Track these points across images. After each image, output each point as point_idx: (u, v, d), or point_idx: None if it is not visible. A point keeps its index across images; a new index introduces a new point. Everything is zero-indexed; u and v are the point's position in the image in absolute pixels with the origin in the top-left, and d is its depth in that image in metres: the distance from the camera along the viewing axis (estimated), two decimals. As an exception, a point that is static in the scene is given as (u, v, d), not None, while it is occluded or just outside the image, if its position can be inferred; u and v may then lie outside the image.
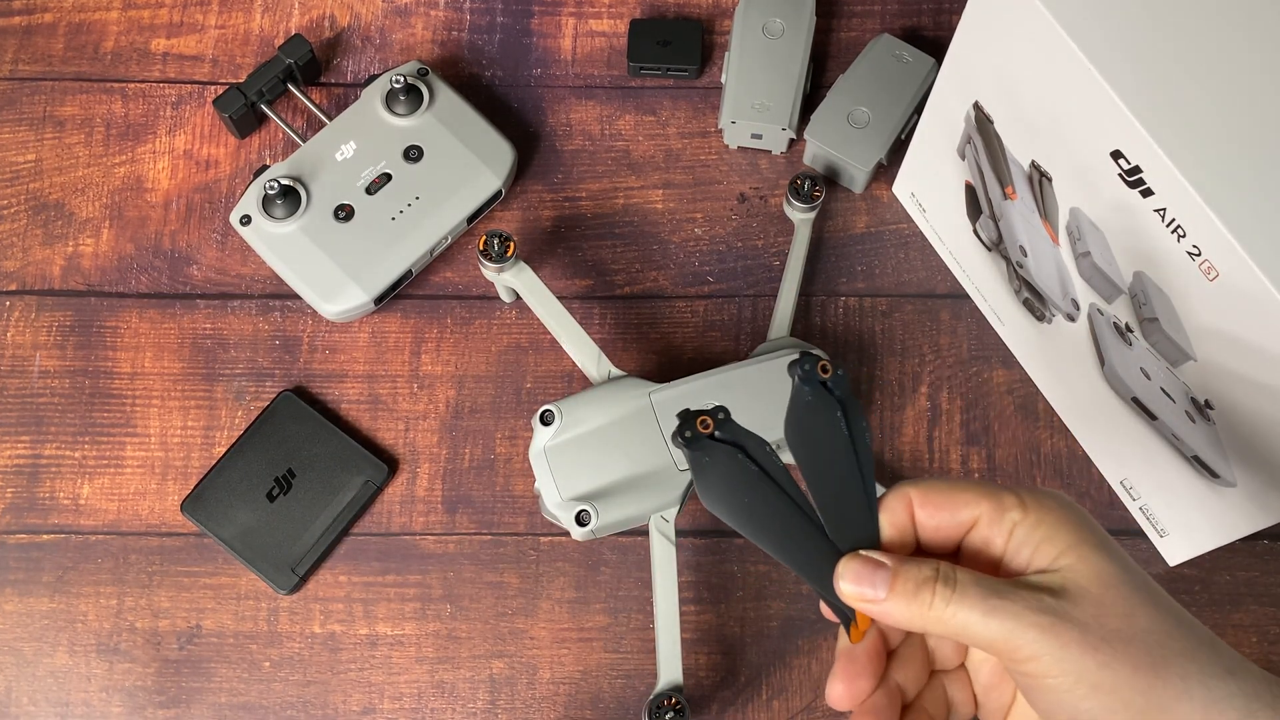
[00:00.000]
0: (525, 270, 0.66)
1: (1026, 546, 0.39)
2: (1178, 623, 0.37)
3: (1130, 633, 0.36)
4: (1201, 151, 0.47)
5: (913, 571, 0.39)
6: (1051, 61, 0.51)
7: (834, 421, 0.42)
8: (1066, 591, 0.37)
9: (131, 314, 0.71)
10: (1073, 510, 0.39)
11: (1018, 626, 0.36)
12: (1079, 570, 0.38)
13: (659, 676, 0.60)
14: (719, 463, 0.41)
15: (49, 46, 0.76)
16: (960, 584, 0.38)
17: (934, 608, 0.38)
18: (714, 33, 0.77)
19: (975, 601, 0.37)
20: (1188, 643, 0.37)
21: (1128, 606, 0.37)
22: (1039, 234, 0.59)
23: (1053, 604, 0.37)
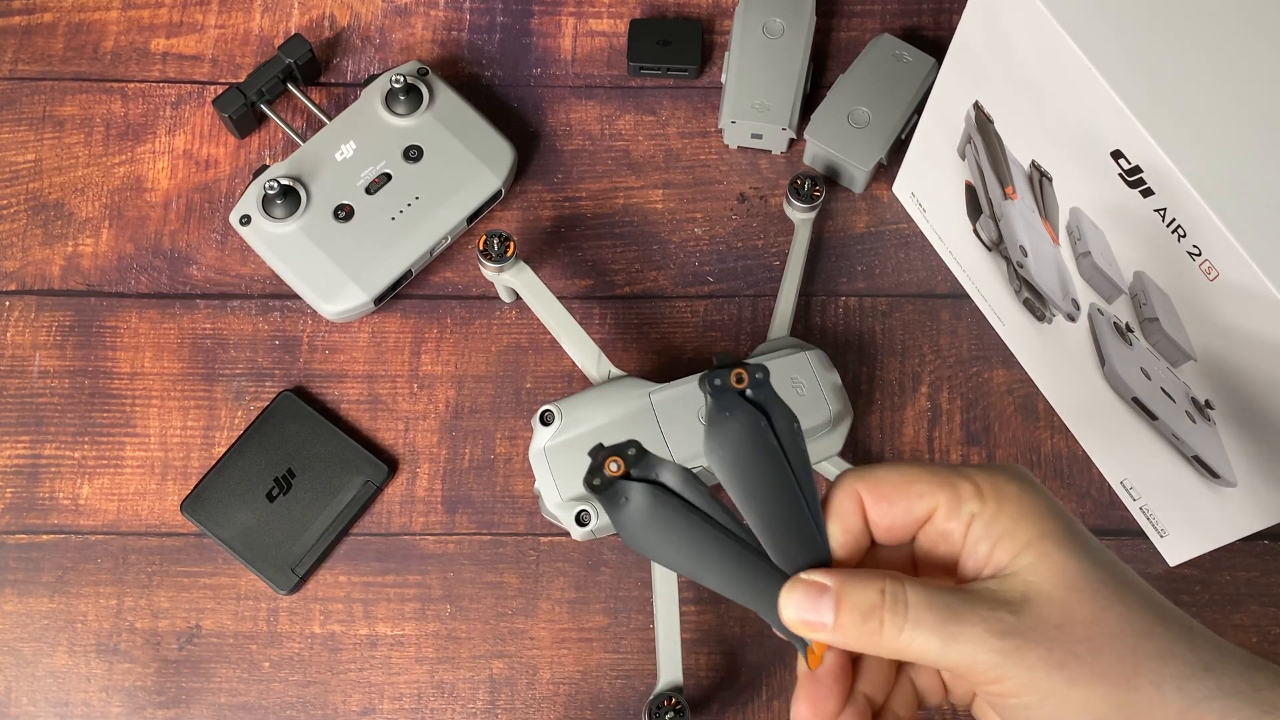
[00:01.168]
0: (525, 270, 0.66)
1: (985, 541, 0.36)
2: (1151, 620, 0.35)
3: (1098, 641, 0.34)
4: (1202, 152, 0.47)
5: (858, 596, 0.36)
6: (1052, 61, 0.51)
7: (759, 432, 0.39)
8: (1028, 601, 0.35)
9: (131, 314, 0.71)
10: (1032, 496, 0.37)
11: (980, 652, 0.34)
12: (1040, 572, 0.35)
13: (659, 677, 0.60)
14: (638, 504, 0.38)
15: (49, 46, 0.76)
16: (912, 607, 0.35)
17: (886, 636, 0.35)
18: (714, 32, 0.76)
19: (931, 629, 0.35)
20: (1162, 642, 0.35)
21: (1094, 609, 0.35)
22: (1039, 234, 0.59)
23: (1013, 623, 0.34)
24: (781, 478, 0.39)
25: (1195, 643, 0.35)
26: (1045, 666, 0.34)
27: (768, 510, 0.39)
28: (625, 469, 0.38)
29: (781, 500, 0.39)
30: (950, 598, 0.35)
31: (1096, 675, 0.34)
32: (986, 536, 0.36)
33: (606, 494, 0.38)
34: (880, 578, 0.36)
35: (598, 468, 0.38)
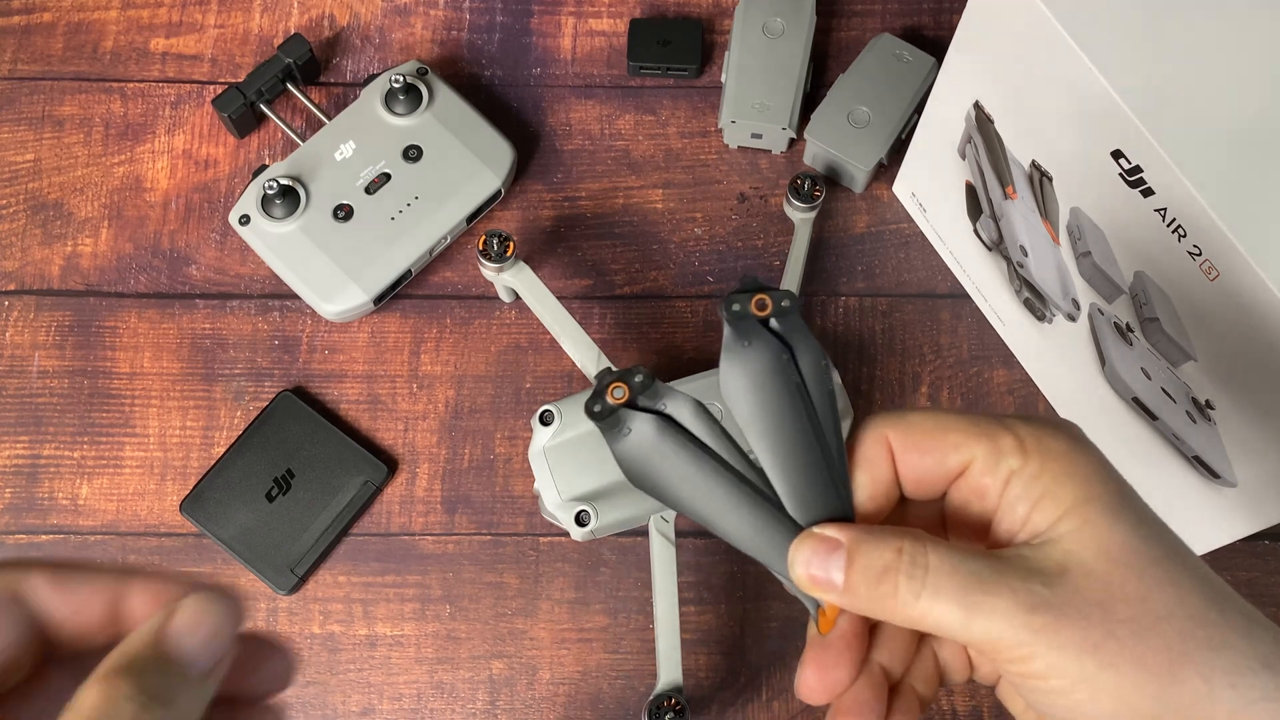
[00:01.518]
0: (525, 270, 0.66)
1: (1023, 502, 0.33)
2: (1206, 604, 0.31)
3: (1143, 623, 0.30)
4: (1202, 151, 0.47)
5: (873, 555, 0.32)
6: (1052, 61, 0.51)
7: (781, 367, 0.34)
8: (1067, 573, 0.31)
9: (130, 314, 0.71)
10: (1082, 456, 0.33)
11: (1006, 628, 0.31)
12: (1083, 540, 0.31)
13: (659, 677, 0.60)
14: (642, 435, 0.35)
15: (48, 46, 0.76)
16: (932, 571, 0.31)
17: (901, 601, 0.32)
18: (714, 32, 0.76)
19: (952, 597, 0.31)
20: (1216, 630, 0.30)
21: (1141, 587, 0.31)
22: (1039, 234, 0.59)
23: (1046, 596, 0.31)
24: (802, 420, 0.35)
25: (1255, 634, 0.31)
26: (1078, 648, 0.30)
27: (785, 454, 0.35)
28: (631, 396, 0.35)
29: (801, 444, 0.35)
30: (977, 563, 0.31)
31: (1137, 662, 0.30)
32: (1025, 496, 0.33)
33: (608, 422, 0.35)
34: (899, 536, 0.32)
35: (600, 392, 0.35)
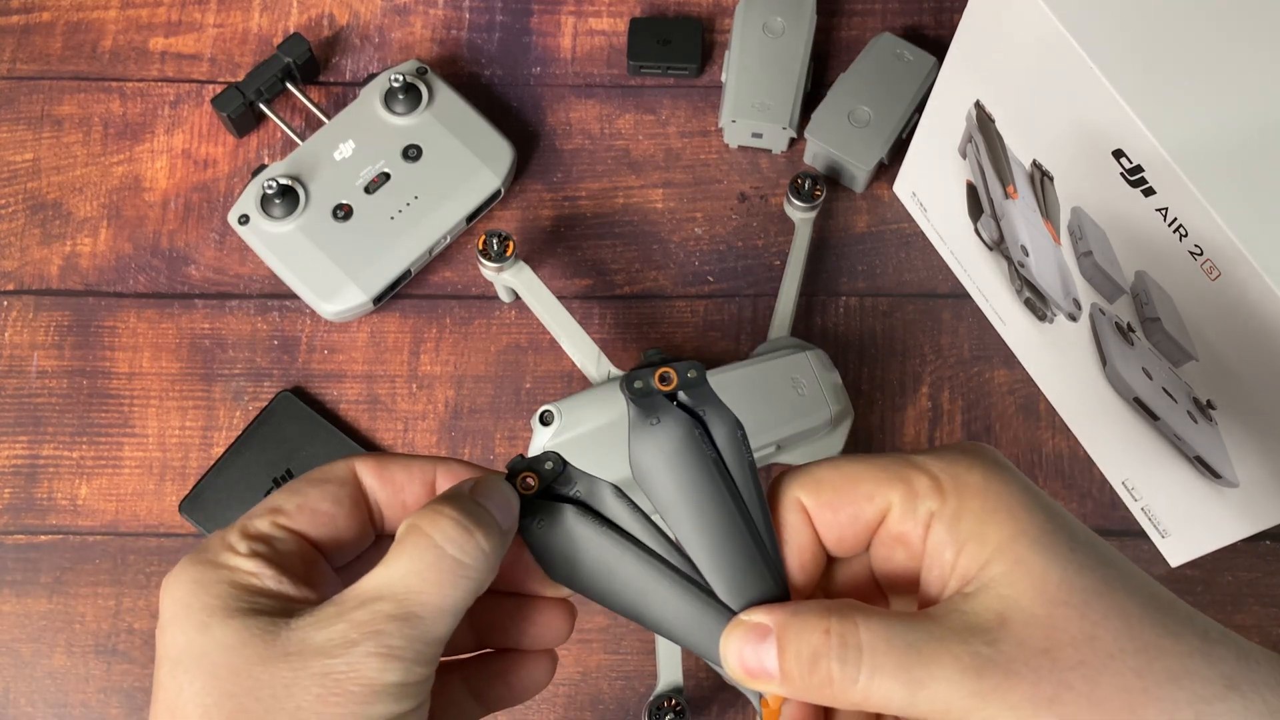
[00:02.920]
0: (525, 270, 0.66)
1: (949, 546, 0.31)
2: (1159, 631, 0.29)
3: (1094, 665, 0.28)
4: (1203, 151, 0.47)
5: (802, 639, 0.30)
6: (1053, 60, 0.50)
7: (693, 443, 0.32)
8: (1007, 624, 0.29)
9: (129, 314, 0.70)
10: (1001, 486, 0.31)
11: (955, 697, 0.29)
12: (1017, 583, 0.29)
13: (659, 678, 0.60)
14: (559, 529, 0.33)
15: (47, 45, 0.75)
16: (866, 649, 0.30)
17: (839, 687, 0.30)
18: (714, 31, 0.76)
19: (892, 674, 0.29)
20: (1173, 660, 0.29)
21: (1086, 625, 0.29)
22: (1040, 233, 0.59)
23: (990, 655, 0.29)
24: (722, 495, 0.32)
25: (1213, 654, 0.29)
26: (1032, 705, 0.28)
27: (708, 535, 0.32)
28: (542, 485, 0.33)
29: (724, 522, 0.32)
30: (913, 631, 0.30)
31: (1096, 709, 0.28)
32: (950, 540, 0.31)
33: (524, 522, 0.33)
34: (826, 614, 0.31)
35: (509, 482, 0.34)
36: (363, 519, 0.37)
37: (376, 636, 0.32)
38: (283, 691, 0.32)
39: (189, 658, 0.33)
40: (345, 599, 0.33)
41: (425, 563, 0.32)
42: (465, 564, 0.33)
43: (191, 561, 0.35)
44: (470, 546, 0.33)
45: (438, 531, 0.33)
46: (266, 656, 0.32)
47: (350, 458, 0.37)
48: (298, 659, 0.32)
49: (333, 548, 0.36)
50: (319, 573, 0.36)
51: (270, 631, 0.32)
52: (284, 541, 0.35)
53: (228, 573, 0.34)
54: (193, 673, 0.33)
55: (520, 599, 0.38)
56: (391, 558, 0.33)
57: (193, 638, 0.33)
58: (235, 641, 0.32)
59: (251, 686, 0.32)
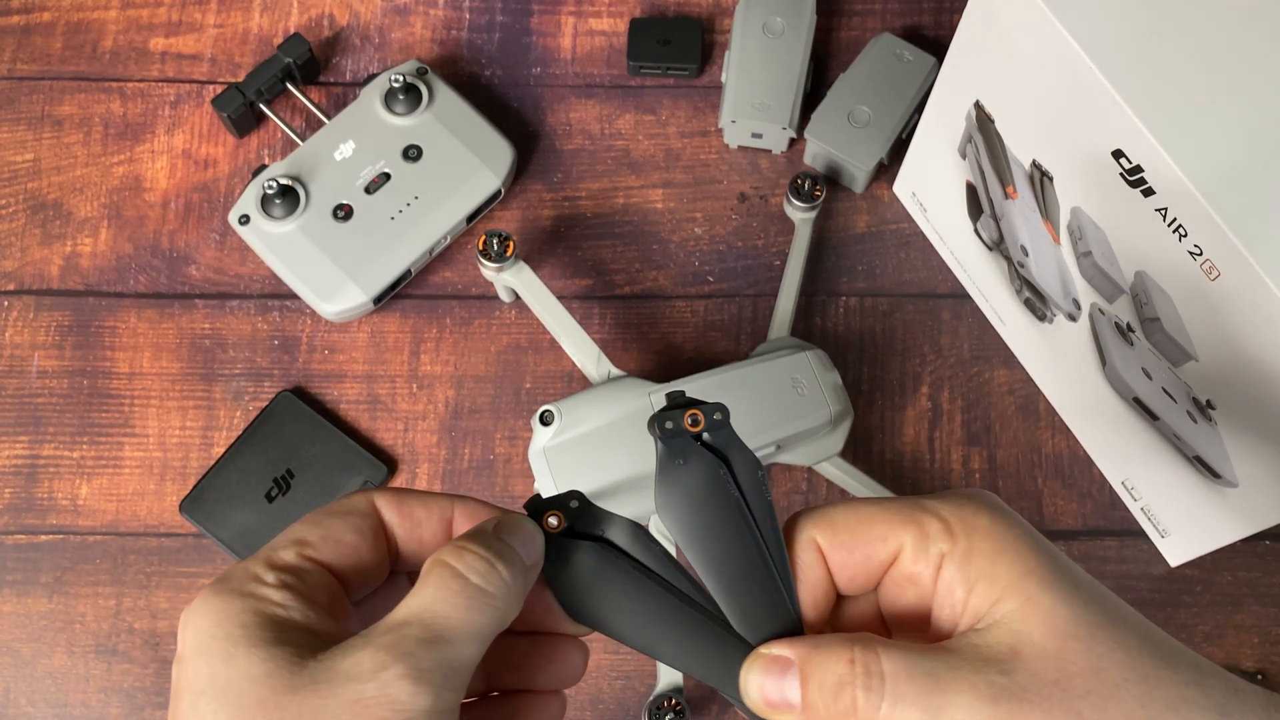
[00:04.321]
0: (525, 270, 0.66)
1: (960, 586, 0.33)
2: (1158, 664, 0.31)
3: (1102, 694, 0.31)
4: (1203, 151, 0.47)
5: (826, 670, 0.32)
6: (1053, 60, 0.50)
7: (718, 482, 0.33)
8: (1019, 656, 0.31)
9: (130, 314, 0.71)
10: (1008, 529, 0.33)
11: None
12: (1028, 618, 0.32)
13: (659, 677, 0.60)
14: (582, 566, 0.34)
15: (47, 46, 0.76)
16: (889, 678, 0.31)
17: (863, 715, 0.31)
18: (714, 31, 0.76)
19: (914, 702, 0.31)
20: (1171, 689, 0.31)
21: (1093, 658, 0.31)
22: (1040, 233, 0.59)
23: (1004, 684, 0.31)
24: (744, 534, 0.33)
25: (1207, 685, 0.32)
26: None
27: (728, 571, 0.34)
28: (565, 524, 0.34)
29: (744, 559, 0.33)
30: (931, 661, 0.31)
31: None
32: (961, 580, 0.33)
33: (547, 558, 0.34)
34: (849, 645, 0.32)
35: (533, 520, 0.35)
36: (383, 552, 0.37)
37: (406, 659, 0.32)
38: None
39: (214, 689, 0.32)
40: (372, 630, 0.33)
41: (451, 590, 0.33)
42: (490, 593, 0.33)
43: (216, 592, 0.34)
44: (494, 578, 0.33)
45: (462, 564, 0.33)
46: (295, 686, 0.32)
47: (368, 491, 0.37)
48: (326, 687, 0.32)
49: (355, 580, 0.36)
50: (342, 607, 0.36)
51: (297, 663, 0.32)
52: (311, 574, 0.35)
53: (255, 603, 0.33)
54: (217, 703, 0.32)
55: (535, 639, 0.37)
56: (417, 590, 0.34)
57: (218, 668, 0.33)
58: (262, 672, 0.32)
59: (280, 717, 0.32)
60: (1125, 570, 0.66)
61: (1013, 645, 0.31)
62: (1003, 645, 0.31)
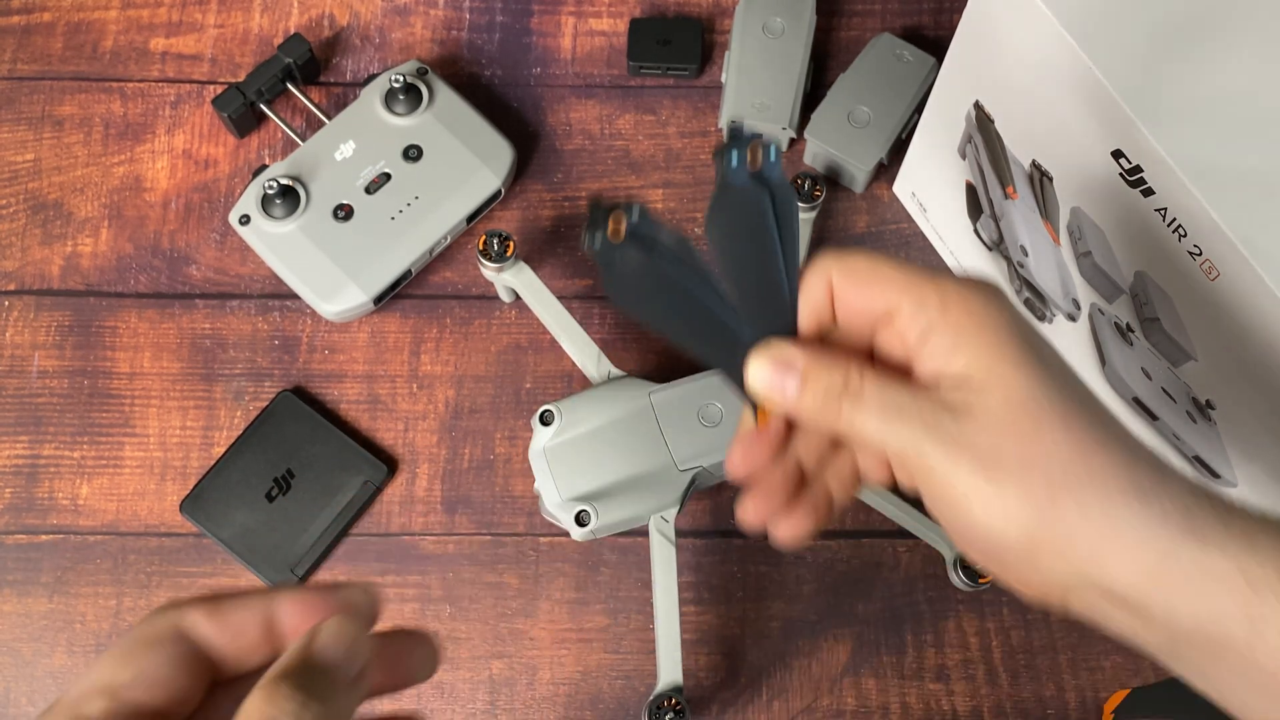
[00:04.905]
0: (525, 270, 0.66)
1: (939, 352, 0.37)
2: (1092, 442, 0.35)
3: (1029, 459, 0.35)
4: (1202, 151, 0.47)
5: (823, 379, 0.38)
6: (1052, 60, 0.50)
7: (761, 212, 0.38)
8: (970, 413, 0.36)
9: (130, 314, 0.71)
10: (998, 312, 0.37)
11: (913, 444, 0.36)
12: (989, 389, 0.36)
13: (659, 677, 0.60)
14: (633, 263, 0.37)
15: (47, 46, 0.76)
16: (865, 398, 0.37)
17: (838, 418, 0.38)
18: (714, 32, 0.76)
19: (876, 418, 0.37)
20: (1097, 463, 0.35)
21: (1033, 428, 0.35)
22: (1040, 234, 0.59)
23: (951, 428, 0.36)
24: (771, 256, 0.39)
25: (1137, 468, 0.35)
26: (970, 468, 0.35)
27: (752, 282, 0.39)
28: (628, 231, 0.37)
29: (766, 276, 0.39)
30: (900, 395, 0.37)
31: (1021, 488, 0.35)
32: (940, 348, 0.37)
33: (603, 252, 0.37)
34: (846, 364, 0.38)
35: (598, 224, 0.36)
36: (203, 673, 0.35)
37: None
38: None
39: None
40: None
41: None
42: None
43: None
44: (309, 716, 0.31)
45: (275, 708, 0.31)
46: None
47: (180, 605, 0.34)
48: None
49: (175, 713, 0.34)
50: None
51: None
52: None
53: None
54: None
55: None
56: None
57: None
58: None
59: None
60: (1125, 570, 0.66)
61: (970, 404, 0.36)
62: (962, 402, 0.36)
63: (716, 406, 0.62)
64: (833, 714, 0.64)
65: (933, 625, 0.66)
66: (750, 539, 0.67)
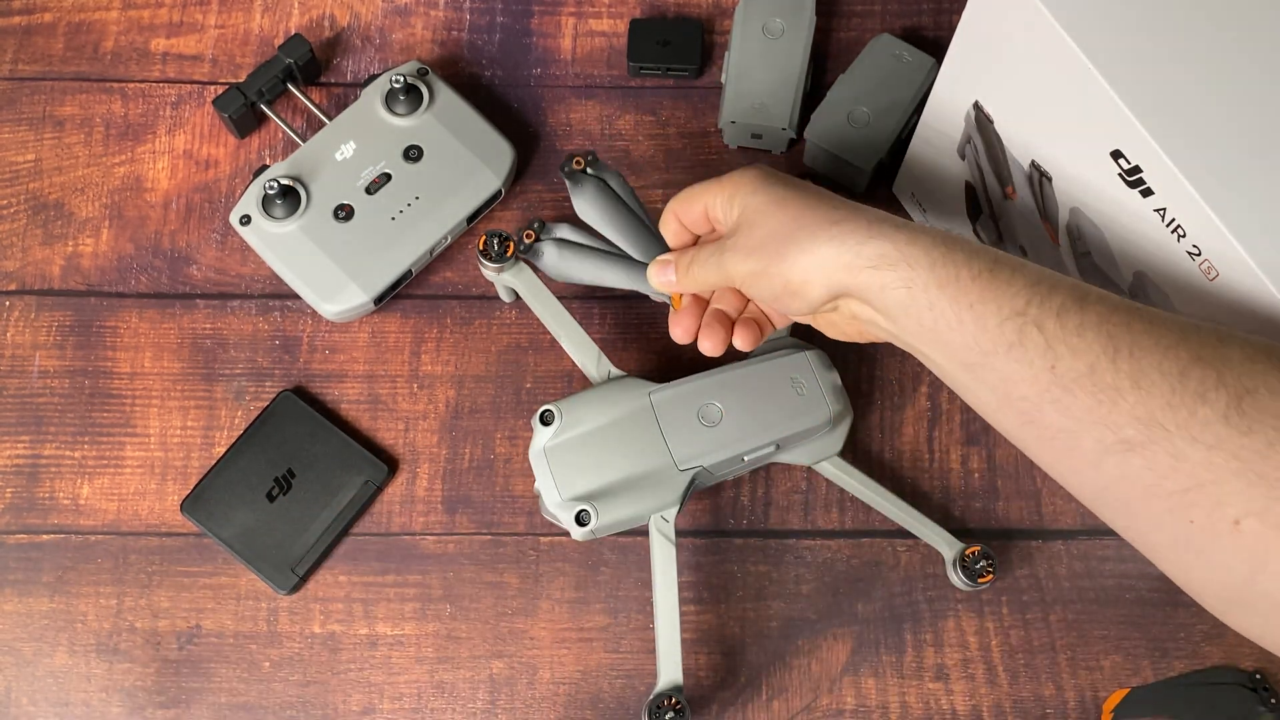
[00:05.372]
0: (525, 270, 0.66)
1: (726, 215, 0.55)
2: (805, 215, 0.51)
3: (764, 234, 0.52)
4: (1201, 151, 0.47)
5: (681, 263, 0.58)
6: (1051, 61, 0.51)
7: (603, 190, 0.62)
8: (737, 230, 0.54)
9: (131, 314, 0.71)
10: (753, 175, 0.54)
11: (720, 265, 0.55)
12: (743, 212, 0.54)
13: (659, 677, 0.60)
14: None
15: (48, 46, 0.76)
16: (699, 260, 0.56)
17: (693, 277, 0.57)
18: (714, 32, 0.77)
19: (701, 263, 0.56)
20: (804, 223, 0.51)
21: (764, 221, 0.53)
22: (1039, 234, 0.59)
23: (727, 243, 0.54)
24: (627, 212, 0.62)
25: (840, 223, 0.50)
26: (735, 255, 0.54)
27: (626, 232, 0.62)
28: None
29: (632, 225, 0.62)
30: (712, 249, 0.56)
31: (765, 256, 0.52)
32: (729, 208, 0.55)
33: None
34: (689, 250, 0.58)
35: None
36: None
37: None
38: None
39: None
40: None
41: None
42: None
43: None
44: None
45: None
46: None
47: None
48: None
49: None
50: None
51: None
52: None
53: None
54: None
55: None
56: None
57: None
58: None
59: None
60: (1124, 570, 0.66)
61: (737, 227, 0.54)
62: (735, 229, 0.55)
63: (716, 406, 0.63)
64: (832, 713, 0.65)
65: (932, 625, 0.66)
66: (750, 539, 0.67)
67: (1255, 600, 0.42)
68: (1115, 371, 0.43)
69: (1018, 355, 0.45)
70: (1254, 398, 0.41)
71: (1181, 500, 0.41)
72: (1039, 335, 0.45)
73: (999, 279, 0.46)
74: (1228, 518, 0.41)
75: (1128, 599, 0.66)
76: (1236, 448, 0.40)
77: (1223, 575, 0.42)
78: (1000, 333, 0.45)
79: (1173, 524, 0.42)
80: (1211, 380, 0.41)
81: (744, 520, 0.68)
